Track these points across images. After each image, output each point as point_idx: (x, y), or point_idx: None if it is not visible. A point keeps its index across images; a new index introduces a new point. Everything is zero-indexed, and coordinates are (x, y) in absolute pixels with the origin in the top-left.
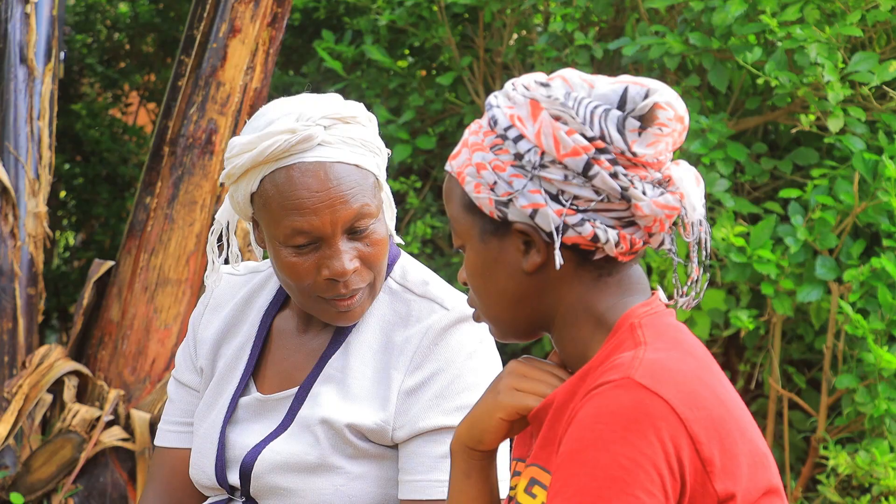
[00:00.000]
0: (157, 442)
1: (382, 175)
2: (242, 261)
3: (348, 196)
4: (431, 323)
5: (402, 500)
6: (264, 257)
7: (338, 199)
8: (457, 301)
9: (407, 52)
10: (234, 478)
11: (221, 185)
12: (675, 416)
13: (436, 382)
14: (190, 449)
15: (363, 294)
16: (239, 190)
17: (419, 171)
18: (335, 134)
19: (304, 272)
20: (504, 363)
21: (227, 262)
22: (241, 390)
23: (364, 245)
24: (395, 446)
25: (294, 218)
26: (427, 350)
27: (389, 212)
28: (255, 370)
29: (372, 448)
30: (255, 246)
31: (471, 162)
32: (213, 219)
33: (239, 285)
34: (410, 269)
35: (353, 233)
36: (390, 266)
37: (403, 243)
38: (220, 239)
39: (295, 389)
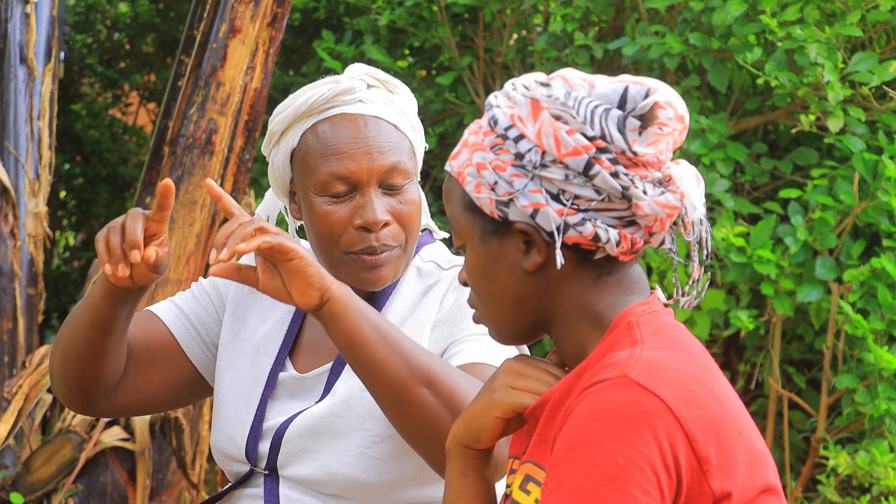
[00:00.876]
0: (153, 307)
1: (420, 153)
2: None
3: (385, 149)
4: (459, 272)
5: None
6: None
7: (375, 149)
8: None
9: (407, 52)
10: (263, 446)
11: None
12: (671, 415)
13: (463, 309)
14: (170, 332)
15: (392, 255)
16: (279, 152)
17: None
18: (378, 95)
19: (337, 222)
20: None
21: None
22: (280, 366)
23: (398, 202)
24: None
25: (332, 163)
26: (454, 292)
27: (423, 204)
28: (291, 347)
29: None
30: (290, 233)
31: (471, 162)
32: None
33: None
34: (440, 251)
35: (388, 188)
36: (420, 248)
37: (446, 235)
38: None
39: (330, 364)
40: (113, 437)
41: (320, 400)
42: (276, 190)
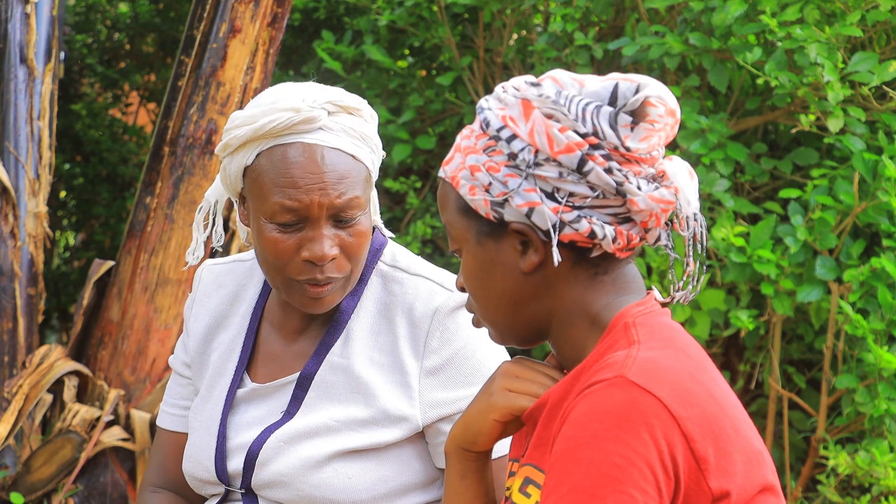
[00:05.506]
0: (157, 422)
1: (375, 173)
2: (226, 241)
3: (340, 184)
4: (438, 305)
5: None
6: (249, 238)
7: (329, 184)
8: (452, 281)
9: (407, 52)
10: (234, 465)
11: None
12: (668, 415)
13: (456, 362)
14: (180, 433)
15: (336, 286)
16: (233, 162)
17: (419, 171)
18: (337, 122)
19: (284, 250)
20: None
21: (208, 239)
22: (238, 382)
23: (347, 234)
24: (405, 437)
25: (284, 194)
26: (439, 331)
27: (374, 206)
28: (248, 363)
29: (380, 439)
30: (239, 225)
31: (464, 165)
32: (213, 220)
33: (223, 274)
34: (399, 253)
35: (339, 221)
36: (379, 251)
37: (392, 235)
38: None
39: (295, 376)
40: (113, 437)
41: (286, 413)
42: (227, 190)
